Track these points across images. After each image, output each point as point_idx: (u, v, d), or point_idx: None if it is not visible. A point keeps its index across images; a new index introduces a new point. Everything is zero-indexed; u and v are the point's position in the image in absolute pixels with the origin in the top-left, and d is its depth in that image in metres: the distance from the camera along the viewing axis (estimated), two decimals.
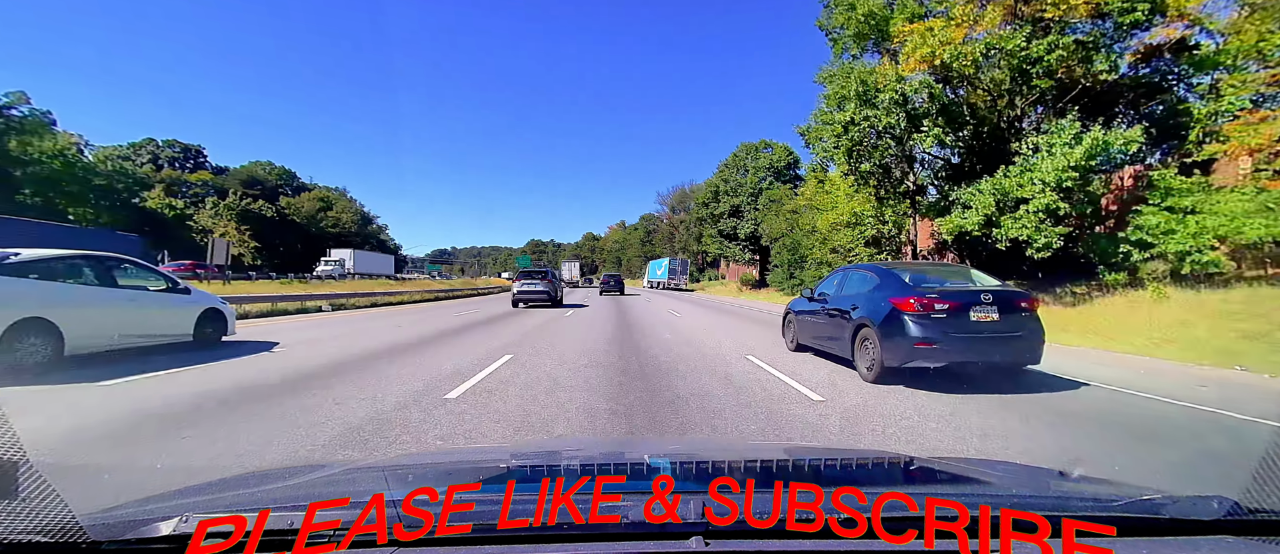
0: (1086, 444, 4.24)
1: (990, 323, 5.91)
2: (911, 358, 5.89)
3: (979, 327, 5.89)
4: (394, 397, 5.31)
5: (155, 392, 5.40)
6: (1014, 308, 6.06)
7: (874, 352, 6.25)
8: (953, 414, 4.91)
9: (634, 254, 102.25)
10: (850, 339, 6.75)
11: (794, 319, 8.78)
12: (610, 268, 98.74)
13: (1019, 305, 6.11)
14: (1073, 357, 8.64)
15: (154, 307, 7.73)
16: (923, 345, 5.83)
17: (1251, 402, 5.66)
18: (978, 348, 5.91)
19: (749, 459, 1.93)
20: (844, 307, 7.08)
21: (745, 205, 49.53)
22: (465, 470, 1.85)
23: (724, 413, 4.96)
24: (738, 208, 50.69)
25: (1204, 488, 1.42)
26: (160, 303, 7.86)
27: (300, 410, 4.71)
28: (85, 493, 2.65)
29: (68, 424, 4.25)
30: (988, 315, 5.92)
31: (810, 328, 8.11)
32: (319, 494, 1.39)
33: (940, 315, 5.90)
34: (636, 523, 1.03)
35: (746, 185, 50.07)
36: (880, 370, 6.15)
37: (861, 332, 6.56)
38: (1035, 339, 6.07)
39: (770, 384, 6.26)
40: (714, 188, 55.47)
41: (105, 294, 7.04)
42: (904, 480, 1.74)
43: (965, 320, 5.89)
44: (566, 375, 6.59)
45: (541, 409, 4.99)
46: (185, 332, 8.11)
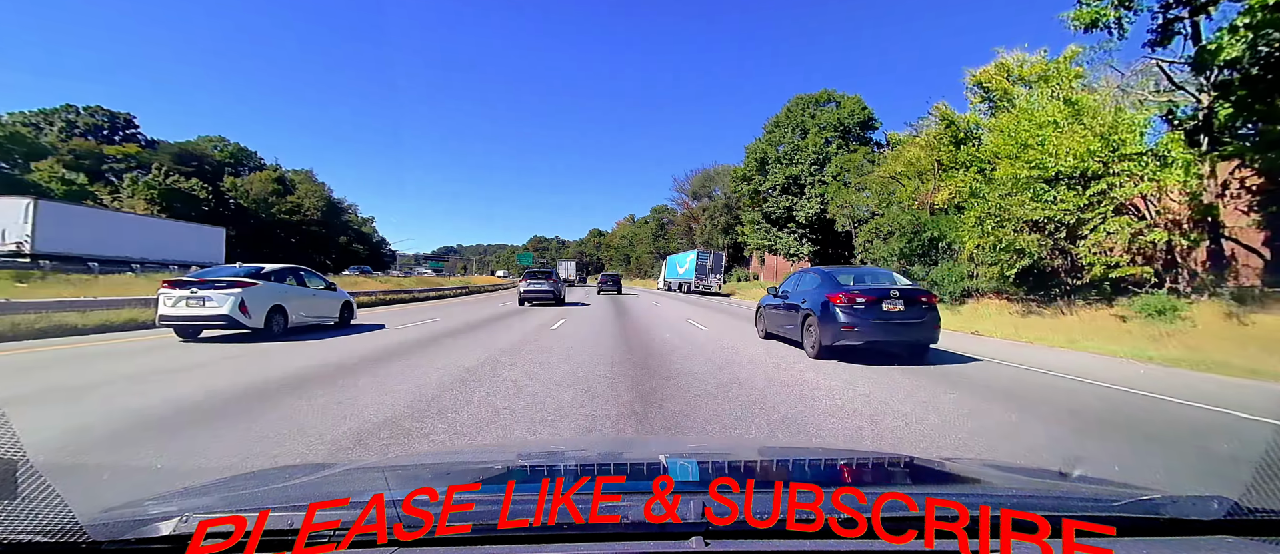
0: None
1: (898, 312, 7.84)
2: (839, 338, 7.83)
3: (890, 315, 7.82)
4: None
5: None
6: (917, 301, 7.98)
7: (815, 334, 8.20)
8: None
9: (645, 250, 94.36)
10: (800, 326, 8.72)
11: (764, 312, 10.75)
12: (618, 266, 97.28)
13: (920, 299, 8.03)
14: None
15: (321, 298, 11.63)
16: (847, 329, 7.77)
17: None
18: (889, 331, 7.84)
19: (749, 459, 1.95)
20: (796, 302, 9.06)
21: (807, 177, 37.34)
22: (465, 470, 1.85)
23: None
24: (795, 181, 38.08)
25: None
26: (324, 297, 11.76)
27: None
28: (86, 493, 2.71)
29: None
30: (896, 306, 7.85)
31: (774, 319, 10.09)
32: (319, 494, 1.40)
33: (861, 306, 7.85)
34: (636, 523, 1.04)
35: (806, 150, 37.63)
36: (819, 349, 8.10)
37: (807, 320, 8.53)
38: (933, 325, 7.98)
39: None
40: (759, 156, 41.84)
41: (300, 291, 11.01)
42: (904, 480, 1.76)
43: (880, 310, 7.83)
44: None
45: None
46: (334, 316, 11.90)
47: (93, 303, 12.25)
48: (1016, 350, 10.03)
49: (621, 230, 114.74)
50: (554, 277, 23.07)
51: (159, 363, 7.12)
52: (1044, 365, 8.15)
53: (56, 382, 5.79)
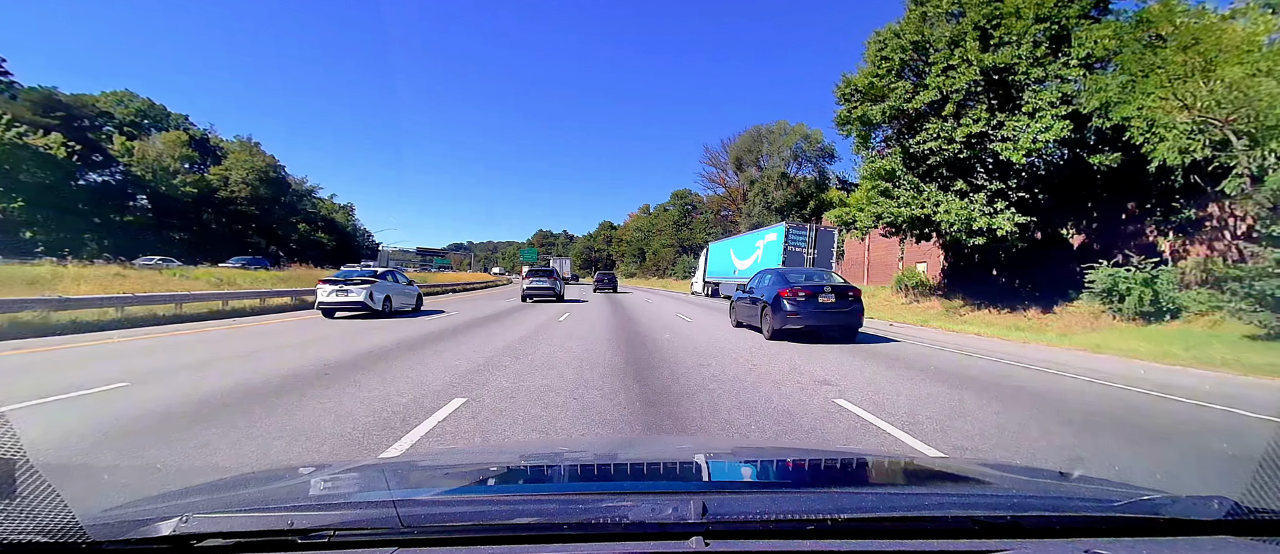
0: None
1: (830, 303, 9.96)
2: (785, 324, 10.00)
3: (823, 305, 9.95)
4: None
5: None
6: (846, 295, 10.07)
7: (769, 321, 10.41)
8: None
9: (664, 242, 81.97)
10: (759, 315, 10.94)
11: (735, 305, 12.98)
12: (630, 263, 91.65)
13: (849, 293, 10.12)
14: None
15: (408, 291, 15.54)
16: (791, 316, 9.95)
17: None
18: (823, 318, 9.96)
19: (749, 459, 2.00)
20: (758, 295, 11.26)
21: (1031, 71, 14.89)
22: (465, 470, 1.85)
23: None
24: (1010, 72, 15.28)
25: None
26: (407, 289, 15.56)
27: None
28: (86, 494, 2.80)
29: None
30: (829, 298, 9.97)
31: (741, 311, 12.29)
32: (319, 493, 1.42)
33: (802, 298, 10.00)
34: (636, 523, 1.04)
35: (1025, 16, 14.89)
36: (771, 333, 10.30)
37: (764, 309, 10.73)
38: (858, 313, 10.04)
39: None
40: (903, 46, 17.30)
41: (397, 286, 14.92)
42: (904, 480, 1.80)
43: (816, 301, 9.97)
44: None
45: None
46: (412, 305, 15.64)
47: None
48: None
49: (635, 222, 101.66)
50: (555, 274, 24.50)
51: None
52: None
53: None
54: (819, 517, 1.04)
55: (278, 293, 16.70)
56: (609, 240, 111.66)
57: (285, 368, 6.51)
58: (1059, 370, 7.55)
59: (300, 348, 8.34)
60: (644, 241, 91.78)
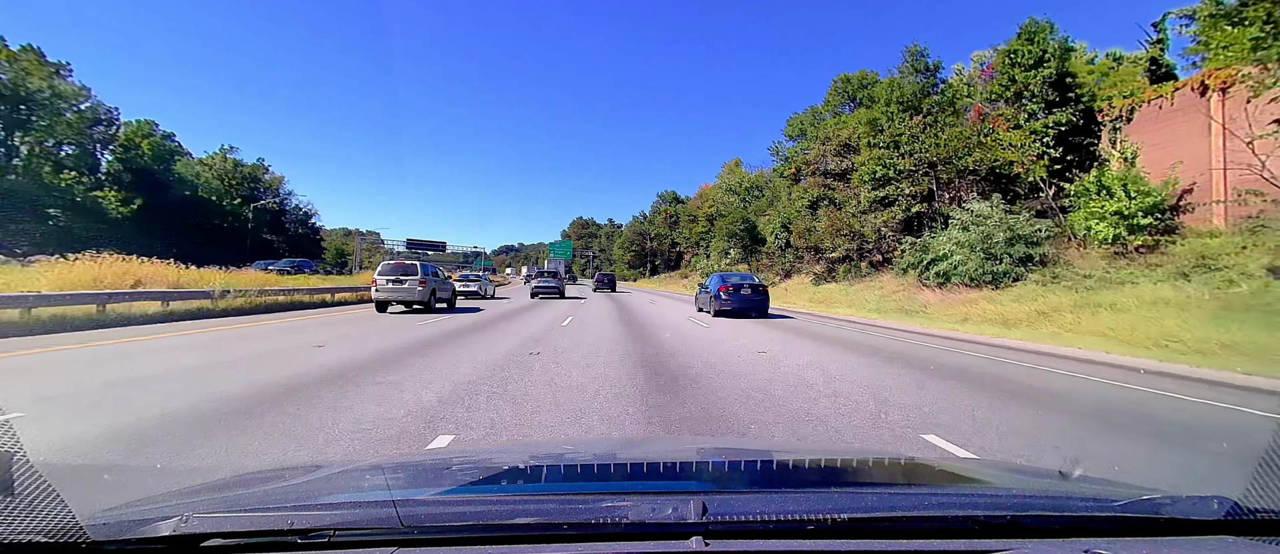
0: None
1: (748, 292, 16.53)
2: (721, 307, 16.42)
3: (743, 295, 16.48)
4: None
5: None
6: (757, 288, 16.73)
7: (713, 305, 16.82)
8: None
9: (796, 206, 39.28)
10: (709, 302, 17.39)
11: (697, 297, 19.45)
12: (715, 257, 56.10)
13: (760, 288, 16.79)
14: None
15: (446, 286, 19.92)
16: (725, 303, 16.38)
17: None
18: (743, 304, 16.47)
19: (749, 459, 1.99)
20: (710, 289, 17.70)
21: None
22: (466, 470, 1.86)
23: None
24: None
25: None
26: (447, 285, 19.98)
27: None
28: (87, 494, 2.90)
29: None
30: (747, 290, 16.54)
31: (701, 300, 18.71)
32: (319, 493, 1.44)
33: (731, 290, 16.48)
34: (636, 523, 1.05)
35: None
36: (715, 313, 16.69)
37: (711, 298, 17.17)
38: (766, 300, 16.74)
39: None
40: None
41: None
42: (904, 480, 1.80)
43: (739, 292, 16.48)
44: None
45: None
46: (450, 299, 20.15)
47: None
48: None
49: (713, 193, 61.06)
50: (559, 276, 32.70)
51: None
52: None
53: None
54: (819, 517, 1.04)
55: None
56: (673, 222, 77.53)
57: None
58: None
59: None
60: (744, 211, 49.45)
